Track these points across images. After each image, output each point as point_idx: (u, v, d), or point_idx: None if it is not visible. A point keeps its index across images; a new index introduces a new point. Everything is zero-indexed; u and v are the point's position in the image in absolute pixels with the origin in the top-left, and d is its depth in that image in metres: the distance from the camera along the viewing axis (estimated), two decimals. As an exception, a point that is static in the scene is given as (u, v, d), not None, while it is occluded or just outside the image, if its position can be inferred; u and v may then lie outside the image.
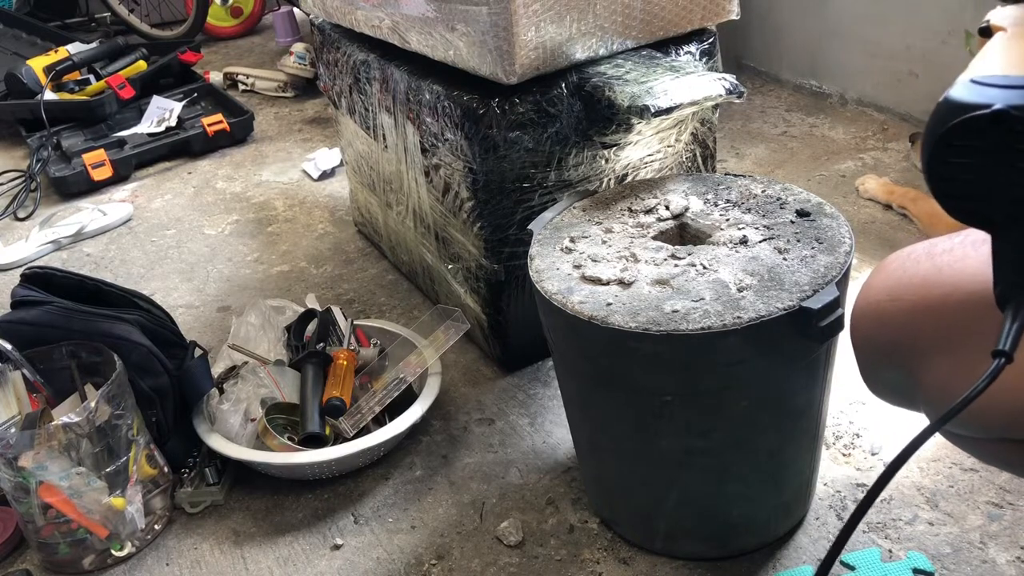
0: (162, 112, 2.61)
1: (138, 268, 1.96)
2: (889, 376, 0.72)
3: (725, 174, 1.20)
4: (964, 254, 0.64)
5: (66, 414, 1.12)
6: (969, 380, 0.56)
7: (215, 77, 3.02)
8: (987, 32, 0.69)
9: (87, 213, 2.16)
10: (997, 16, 0.70)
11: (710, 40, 1.39)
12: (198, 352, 1.32)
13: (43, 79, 2.66)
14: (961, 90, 0.51)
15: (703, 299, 0.93)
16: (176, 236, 2.09)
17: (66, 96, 2.68)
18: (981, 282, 0.60)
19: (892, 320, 0.69)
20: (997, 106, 0.49)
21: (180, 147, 2.50)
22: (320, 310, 1.47)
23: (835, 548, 0.62)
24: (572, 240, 1.08)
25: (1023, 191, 0.51)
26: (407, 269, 1.74)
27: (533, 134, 1.27)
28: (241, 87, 2.99)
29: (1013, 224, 0.53)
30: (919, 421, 0.72)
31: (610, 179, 1.37)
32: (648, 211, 1.13)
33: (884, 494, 1.16)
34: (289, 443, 1.25)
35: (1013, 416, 0.61)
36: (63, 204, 2.28)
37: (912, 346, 0.67)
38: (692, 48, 1.37)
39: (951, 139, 0.51)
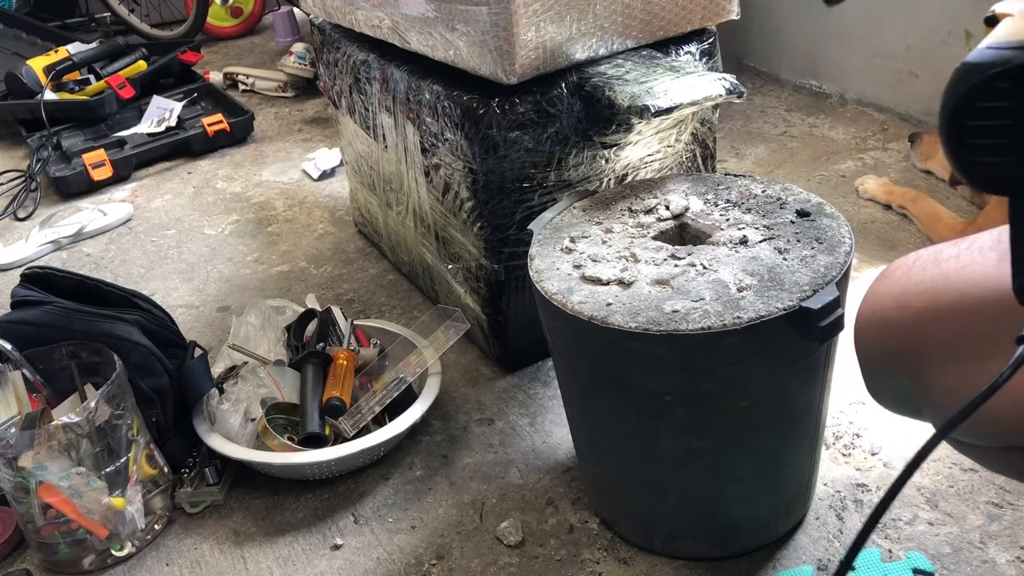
0: (162, 112, 2.61)
1: (138, 268, 1.96)
2: (895, 384, 0.72)
3: (725, 174, 1.19)
4: (971, 260, 0.64)
5: (66, 414, 1.12)
6: (979, 388, 0.56)
7: (215, 77, 3.02)
8: (993, 22, 0.69)
9: (87, 213, 2.16)
10: (1003, 6, 0.70)
11: (710, 40, 1.39)
12: (198, 352, 1.32)
13: (43, 79, 2.65)
14: (979, 54, 0.50)
15: (703, 299, 0.93)
16: (176, 236, 2.09)
17: (66, 96, 2.68)
18: (990, 288, 0.59)
19: (898, 328, 0.68)
20: (1018, 61, 0.48)
21: (180, 147, 2.50)
22: (320, 310, 1.47)
23: (848, 558, 0.61)
24: (572, 240, 1.08)
25: None
26: (407, 269, 1.74)
27: (533, 134, 1.27)
28: (241, 87, 2.99)
29: None
30: (921, 424, 0.72)
31: (610, 179, 1.37)
32: (648, 211, 1.13)
33: (884, 494, 1.16)
34: (289, 443, 1.25)
35: (1022, 423, 0.61)
36: (63, 204, 2.28)
37: (919, 354, 0.67)
38: (692, 48, 1.37)
39: (973, 100, 0.50)
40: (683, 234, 1.10)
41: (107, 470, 1.15)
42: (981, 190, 0.54)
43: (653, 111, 1.16)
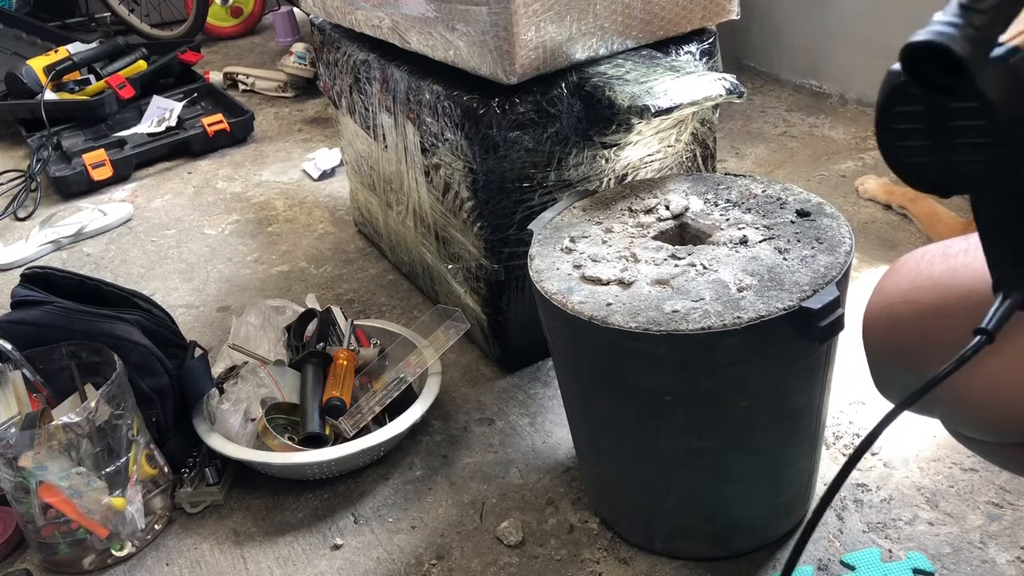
0: (162, 112, 2.61)
1: (138, 268, 1.96)
2: (902, 380, 0.72)
3: (725, 174, 1.20)
4: (979, 255, 0.64)
5: (66, 414, 1.12)
6: (986, 383, 0.55)
7: (215, 77, 3.02)
8: None
9: (87, 213, 2.16)
10: None
11: (710, 40, 1.39)
12: (198, 352, 1.32)
13: (43, 79, 2.66)
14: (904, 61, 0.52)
15: (703, 299, 0.93)
16: (176, 236, 2.09)
17: (66, 96, 2.68)
18: None
19: (906, 323, 0.68)
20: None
21: (180, 147, 2.50)
22: (320, 310, 1.47)
23: (803, 536, 0.61)
24: (572, 240, 1.08)
25: (957, 153, 0.51)
26: (407, 269, 1.74)
27: (533, 134, 1.27)
28: (241, 87, 2.99)
29: (960, 186, 0.54)
30: (920, 422, 0.72)
31: (610, 179, 1.37)
32: (648, 211, 1.13)
33: (884, 494, 1.16)
34: (289, 443, 1.25)
35: None
36: (63, 204, 2.28)
37: (927, 349, 0.67)
38: (692, 48, 1.37)
39: (893, 104, 0.52)
40: (683, 234, 1.10)
41: (107, 470, 1.15)
42: (915, 188, 0.56)
43: (653, 111, 1.16)
